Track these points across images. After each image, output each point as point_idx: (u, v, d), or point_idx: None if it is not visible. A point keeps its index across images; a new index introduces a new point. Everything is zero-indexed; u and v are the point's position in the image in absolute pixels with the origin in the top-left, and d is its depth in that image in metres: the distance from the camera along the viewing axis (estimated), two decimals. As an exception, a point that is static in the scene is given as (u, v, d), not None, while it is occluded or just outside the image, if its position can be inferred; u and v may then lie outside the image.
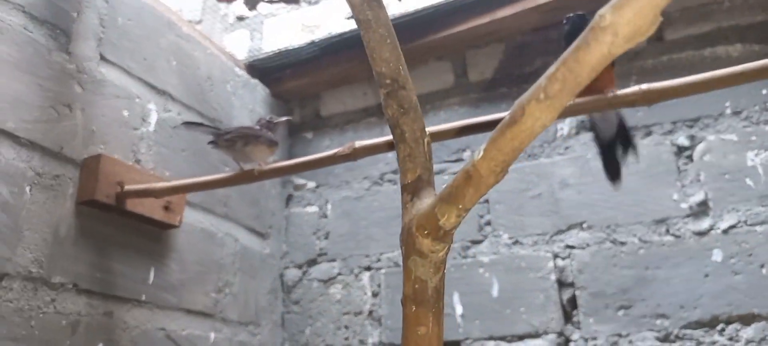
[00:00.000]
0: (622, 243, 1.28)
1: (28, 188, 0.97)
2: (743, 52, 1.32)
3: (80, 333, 1.00)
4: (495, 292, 1.34)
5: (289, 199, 1.66)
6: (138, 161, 1.19)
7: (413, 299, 0.40)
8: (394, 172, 1.59)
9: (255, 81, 1.65)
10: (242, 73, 1.61)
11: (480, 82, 1.58)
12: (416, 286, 0.40)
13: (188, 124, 1.13)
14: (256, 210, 1.51)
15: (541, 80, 0.36)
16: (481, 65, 1.59)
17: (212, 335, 1.27)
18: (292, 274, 1.57)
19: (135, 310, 1.11)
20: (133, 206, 1.10)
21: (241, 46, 1.85)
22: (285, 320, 1.53)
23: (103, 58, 1.17)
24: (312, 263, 1.57)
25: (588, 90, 0.90)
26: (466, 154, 1.53)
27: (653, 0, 0.29)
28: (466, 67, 1.61)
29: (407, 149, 0.42)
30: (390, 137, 0.95)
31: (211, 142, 1.05)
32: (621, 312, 1.23)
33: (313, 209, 1.63)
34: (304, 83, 1.73)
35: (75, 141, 1.07)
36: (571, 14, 0.92)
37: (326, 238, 1.58)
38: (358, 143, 0.96)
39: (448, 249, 0.41)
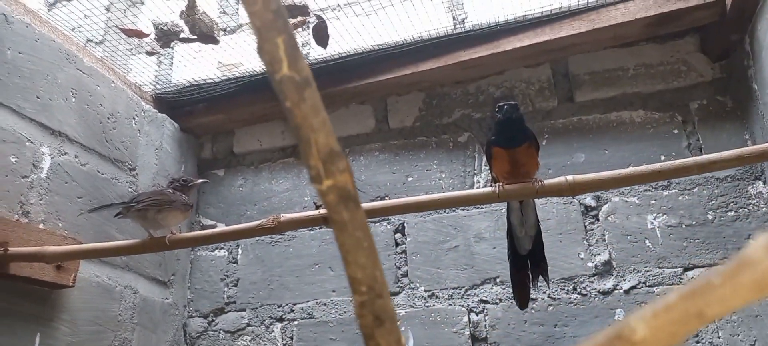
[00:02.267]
0: (533, 299, 1.32)
1: None
2: (645, 118, 1.41)
3: (-54, 422, 0.88)
4: (411, 345, 1.33)
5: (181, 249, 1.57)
6: (26, 213, 1.07)
7: None
8: (311, 216, 1.54)
9: (163, 116, 1.55)
10: (149, 107, 1.50)
11: (400, 129, 1.57)
12: None
13: (92, 210, 1.03)
14: (158, 257, 1.41)
15: None
16: (402, 112, 1.59)
17: (106, 404, 1.16)
18: (197, 324, 1.48)
19: (15, 386, 0.99)
20: (19, 269, 0.98)
21: (146, 72, 1.73)
22: (189, 376, 1.44)
23: (-13, 97, 1.05)
24: (219, 312, 1.49)
25: (516, 174, 0.92)
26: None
27: (690, 322, 0.27)
28: (387, 113, 1.60)
29: None
30: (316, 212, 0.92)
31: (117, 215, 0.96)
32: (531, 371, 1.27)
33: (222, 253, 1.55)
34: (218, 119, 1.65)
35: (-52, 196, 0.94)
36: (504, 103, 0.93)
37: (235, 285, 1.50)
38: (284, 216, 0.91)
39: None
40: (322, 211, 0.96)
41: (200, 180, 1.13)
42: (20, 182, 1.08)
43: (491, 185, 0.95)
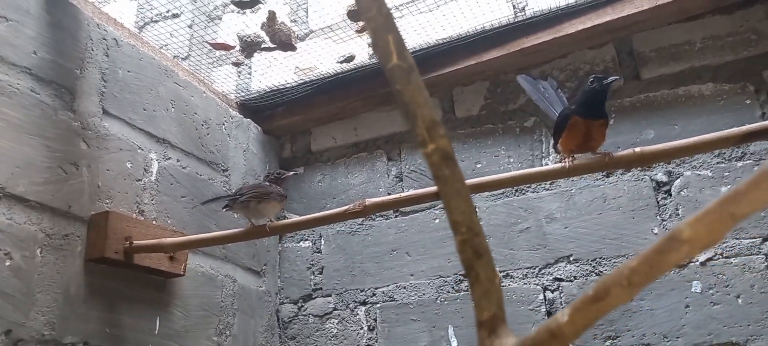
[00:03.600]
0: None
1: (38, 251, 1.00)
2: (715, 90, 1.41)
3: (93, 390, 1.03)
4: (489, 326, 1.39)
5: (281, 235, 1.70)
6: (142, 212, 1.22)
7: None
8: (387, 206, 1.63)
9: (248, 120, 1.68)
10: (236, 114, 1.64)
11: (467, 118, 1.64)
12: None
13: (205, 202, 1.17)
14: (252, 249, 1.55)
15: (624, 269, 0.41)
16: (468, 102, 1.65)
17: (217, 379, 1.30)
18: (288, 310, 1.61)
19: (144, 361, 1.14)
20: (141, 260, 1.13)
21: (228, 82, 1.88)
22: (284, 356, 1.57)
23: (105, 112, 1.20)
24: (307, 298, 1.61)
25: (584, 148, 0.97)
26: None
27: (725, 221, 0.35)
28: (453, 104, 1.67)
29: (482, 289, 0.48)
30: (399, 196, 1.01)
31: (225, 206, 1.09)
32: (608, 343, 1.30)
33: (307, 244, 1.67)
34: (296, 120, 1.77)
35: (82, 199, 1.10)
36: (599, 75, 0.99)
37: (321, 273, 1.62)
38: (369, 201, 1.00)
39: None
40: (403, 194, 1.04)
41: (292, 173, 1.25)
42: (135, 185, 1.23)
43: (563, 160, 1.00)
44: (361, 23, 1.62)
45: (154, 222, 1.22)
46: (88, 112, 1.16)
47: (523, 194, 1.50)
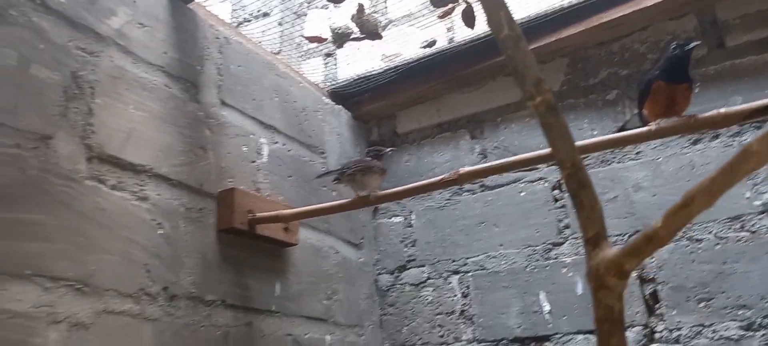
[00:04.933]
0: (699, 240, 1.37)
1: (181, 222, 1.16)
2: (804, 54, 1.39)
3: (230, 342, 1.18)
4: (579, 289, 1.45)
5: (375, 211, 1.82)
6: (258, 190, 1.37)
7: (605, 320, 0.55)
8: (472, 183, 1.72)
9: (339, 107, 1.81)
10: (328, 101, 1.77)
11: (549, 94, 1.69)
12: (606, 311, 0.54)
13: (319, 176, 1.38)
14: (350, 223, 1.68)
15: (705, 181, 0.49)
16: (548, 79, 1.70)
17: (327, 338, 1.45)
18: (385, 279, 1.73)
19: (268, 319, 1.29)
20: (262, 230, 1.27)
21: (315, 73, 2.02)
22: (383, 321, 1.69)
23: (223, 102, 1.36)
24: (402, 268, 1.72)
25: (669, 113, 1.02)
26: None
27: None
28: (534, 81, 1.72)
29: (586, 213, 0.56)
30: (489, 164, 1.10)
31: (335, 179, 1.21)
32: (702, 304, 1.33)
33: (399, 219, 1.78)
34: (381, 105, 1.88)
35: (211, 178, 1.25)
36: (681, 40, 1.03)
37: (413, 245, 1.73)
38: (462, 170, 1.09)
39: (626, 284, 0.54)
40: (494, 162, 1.13)
41: (389, 149, 1.36)
42: (251, 166, 1.38)
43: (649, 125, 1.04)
44: (443, 9, 1.70)
45: (269, 198, 1.37)
46: (209, 102, 1.32)
47: (609, 165, 1.54)
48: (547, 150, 1.10)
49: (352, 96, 1.88)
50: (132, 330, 1.00)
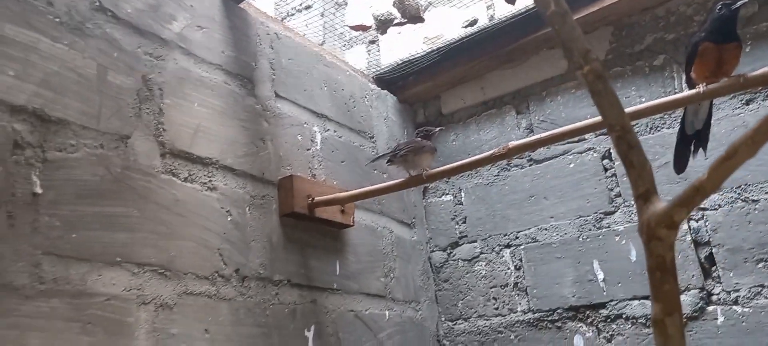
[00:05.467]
0: (755, 201, 1.36)
1: (247, 209, 1.24)
2: None
3: (298, 318, 1.26)
4: (633, 256, 1.47)
5: (425, 191, 1.87)
6: (314, 176, 1.44)
7: (657, 268, 0.59)
8: (520, 158, 1.74)
9: (385, 92, 1.86)
10: (374, 87, 1.82)
11: (593, 64, 1.69)
12: (658, 260, 0.59)
13: (374, 160, 1.45)
14: (401, 204, 1.73)
15: (749, 132, 0.52)
16: (593, 48, 1.70)
17: (387, 313, 1.51)
18: (438, 256, 1.78)
19: (331, 297, 1.37)
20: (321, 213, 1.34)
21: (359, 60, 2.08)
22: (438, 296, 1.75)
23: (277, 95, 1.43)
24: (454, 245, 1.77)
25: (718, 74, 1.02)
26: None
27: None
28: (578, 52, 1.72)
29: (636, 173, 0.60)
30: (538, 136, 1.13)
31: (388, 162, 1.27)
32: (761, 265, 1.32)
33: (448, 197, 1.83)
34: (426, 87, 1.92)
35: (271, 166, 1.33)
36: (723, 3, 1.03)
37: (464, 222, 1.77)
38: (512, 144, 1.12)
39: (676, 234, 0.58)
40: (542, 135, 1.16)
41: (438, 128, 1.40)
42: (306, 153, 1.45)
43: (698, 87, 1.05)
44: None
45: (324, 183, 1.44)
46: (264, 96, 1.39)
47: (659, 131, 1.54)
48: (595, 119, 1.13)
49: (396, 80, 1.93)
50: (210, 309, 1.09)
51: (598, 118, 1.10)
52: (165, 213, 1.06)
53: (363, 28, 1.69)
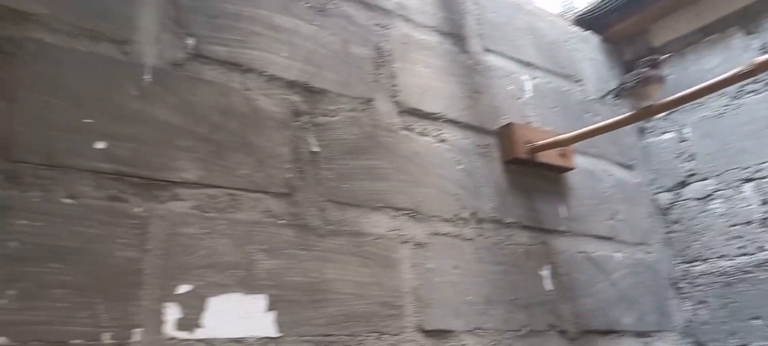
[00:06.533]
0: None
1: (474, 158, 1.31)
2: None
3: (532, 258, 1.31)
4: None
5: (641, 131, 1.78)
6: (528, 122, 1.46)
7: None
8: (755, 82, 1.56)
9: (587, 33, 1.80)
10: (576, 29, 1.77)
11: None
12: None
13: (603, 96, 1.50)
14: (617, 147, 1.67)
15: None
16: None
17: (616, 255, 1.49)
18: (665, 197, 1.69)
19: (559, 238, 1.39)
20: (542, 157, 1.36)
21: (554, 4, 2.02)
22: (669, 239, 1.66)
23: (486, 49, 1.47)
24: (682, 185, 1.66)
25: None
26: None
27: None
28: None
29: None
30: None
31: (615, 96, 1.24)
32: None
33: (670, 135, 1.71)
34: (631, 23, 1.81)
35: (488, 117, 1.39)
36: None
37: (692, 159, 1.65)
38: (758, 59, 1.03)
39: None
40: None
41: (666, 55, 1.32)
42: (518, 102, 1.47)
43: None
44: None
45: (539, 128, 1.45)
46: (475, 51, 1.44)
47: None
48: None
49: (598, 20, 1.84)
50: (456, 248, 1.18)
51: None
52: (408, 164, 1.18)
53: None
